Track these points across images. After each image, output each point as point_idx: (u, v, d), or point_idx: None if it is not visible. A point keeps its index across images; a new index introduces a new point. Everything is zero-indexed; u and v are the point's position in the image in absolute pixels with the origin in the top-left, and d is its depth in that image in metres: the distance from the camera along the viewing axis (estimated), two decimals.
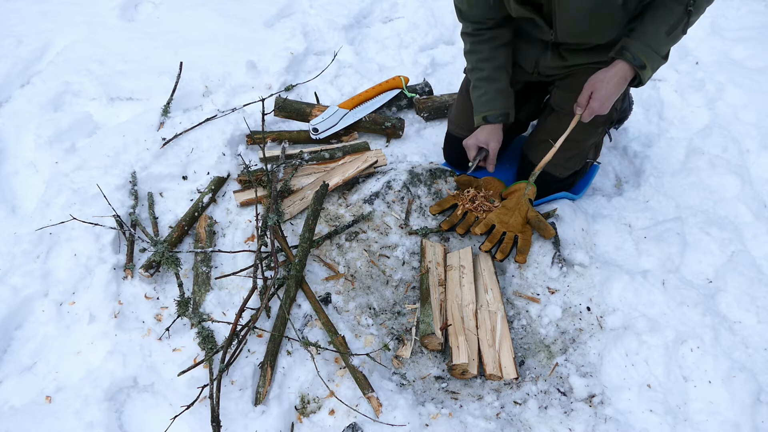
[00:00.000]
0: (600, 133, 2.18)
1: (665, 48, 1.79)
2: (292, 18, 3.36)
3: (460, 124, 2.33)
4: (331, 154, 2.38)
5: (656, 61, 1.79)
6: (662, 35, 1.75)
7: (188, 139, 2.40)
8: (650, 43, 1.75)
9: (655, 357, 1.81)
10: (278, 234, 2.00)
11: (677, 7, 1.72)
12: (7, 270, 1.91)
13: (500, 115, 2.10)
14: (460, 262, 2.05)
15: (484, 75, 2.08)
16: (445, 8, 3.54)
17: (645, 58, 1.76)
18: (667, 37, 1.75)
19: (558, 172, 2.19)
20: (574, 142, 2.09)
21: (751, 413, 1.70)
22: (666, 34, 1.75)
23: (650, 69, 1.79)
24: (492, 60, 2.06)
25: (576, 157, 2.18)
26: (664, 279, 2.03)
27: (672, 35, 1.75)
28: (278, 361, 1.73)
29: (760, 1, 3.60)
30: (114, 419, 1.62)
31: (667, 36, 1.75)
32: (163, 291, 1.95)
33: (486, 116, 2.11)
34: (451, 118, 2.40)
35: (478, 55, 2.08)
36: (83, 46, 2.98)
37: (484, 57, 2.06)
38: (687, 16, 1.72)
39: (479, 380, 1.81)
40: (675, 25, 1.73)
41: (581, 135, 2.09)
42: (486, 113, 2.11)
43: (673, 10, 1.73)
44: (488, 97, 2.09)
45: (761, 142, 2.59)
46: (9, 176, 2.34)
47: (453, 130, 2.37)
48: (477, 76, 2.11)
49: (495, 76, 2.07)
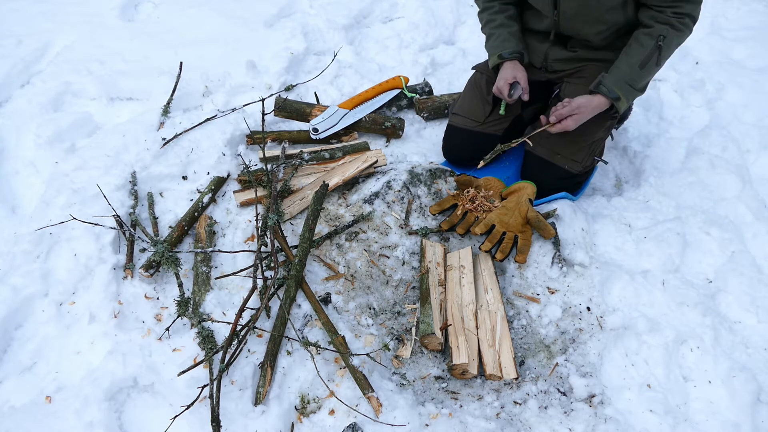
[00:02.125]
0: (607, 128, 2.20)
1: (640, 81, 1.98)
2: (292, 18, 3.36)
3: (462, 113, 2.35)
4: (331, 154, 2.38)
5: (631, 93, 1.99)
6: (635, 69, 1.95)
7: (188, 139, 2.40)
8: (624, 77, 1.96)
9: (655, 357, 1.81)
10: (278, 234, 2.00)
11: (649, 42, 1.92)
12: (7, 270, 1.90)
13: (514, 52, 2.17)
14: (460, 262, 2.05)
15: (497, 23, 2.22)
16: (445, 8, 3.54)
17: (619, 91, 1.96)
18: (641, 71, 1.95)
19: (567, 165, 2.20)
20: (582, 135, 2.12)
21: (751, 413, 1.70)
22: (639, 67, 1.94)
23: (625, 100, 1.98)
24: (504, 11, 2.22)
25: (584, 150, 2.19)
26: (664, 279, 2.03)
27: (645, 68, 1.94)
28: (278, 361, 1.73)
29: (760, 1, 3.60)
30: (114, 419, 1.62)
31: (641, 69, 1.94)
32: (163, 291, 1.95)
33: (501, 53, 2.18)
34: (455, 110, 2.41)
35: (491, 9, 2.25)
36: (83, 46, 2.98)
37: (496, 10, 2.23)
38: (658, 51, 1.92)
39: (479, 380, 1.81)
40: (647, 59, 1.93)
41: (588, 128, 2.12)
42: (501, 51, 2.18)
43: (644, 44, 1.93)
44: (502, 39, 2.19)
45: (761, 142, 2.59)
46: (9, 176, 2.34)
47: (455, 121, 2.37)
48: (491, 26, 2.24)
49: (507, 23, 2.21)
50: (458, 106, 2.40)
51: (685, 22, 1.90)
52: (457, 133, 2.36)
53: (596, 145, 2.21)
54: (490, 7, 2.25)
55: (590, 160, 2.23)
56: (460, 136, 2.35)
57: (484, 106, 2.30)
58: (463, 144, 2.35)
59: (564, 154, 2.17)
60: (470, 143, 2.34)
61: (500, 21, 2.21)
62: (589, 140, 2.17)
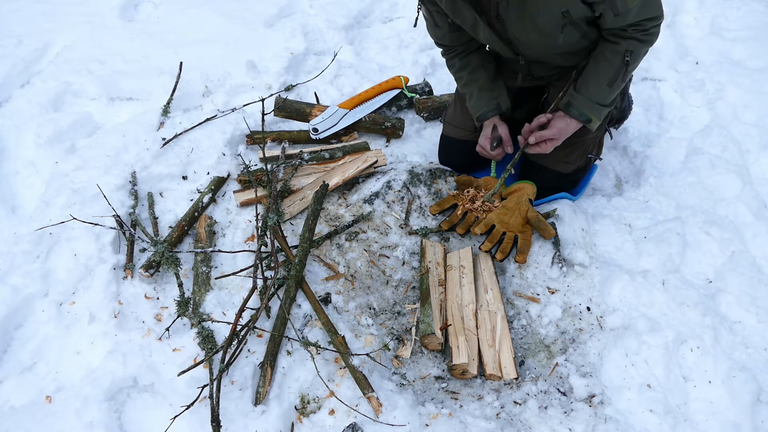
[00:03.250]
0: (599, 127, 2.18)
1: (609, 98, 1.93)
2: (292, 18, 3.36)
3: (454, 123, 2.36)
4: (331, 154, 2.38)
5: (601, 112, 1.95)
6: (604, 88, 1.89)
7: (188, 139, 2.40)
8: (592, 97, 1.91)
9: (655, 357, 1.81)
10: (278, 234, 2.00)
11: (615, 59, 1.84)
12: (7, 270, 1.90)
13: (490, 111, 2.16)
14: (460, 262, 2.05)
15: (465, 81, 2.19)
16: None
17: (590, 113, 1.94)
18: (609, 89, 1.90)
19: (560, 168, 2.20)
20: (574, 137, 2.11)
21: (751, 413, 1.70)
22: (608, 86, 1.89)
23: (596, 120, 1.95)
24: (465, 66, 2.18)
25: (576, 151, 2.18)
26: (664, 279, 2.03)
27: (613, 86, 1.89)
28: (278, 361, 1.73)
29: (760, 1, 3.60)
30: (114, 419, 1.62)
31: (609, 87, 1.89)
32: (163, 291, 1.95)
33: (478, 116, 2.18)
34: (447, 119, 2.42)
35: (453, 68, 2.22)
36: (83, 46, 2.98)
37: (459, 67, 2.19)
38: (625, 66, 1.85)
39: (479, 380, 1.81)
40: (614, 76, 1.87)
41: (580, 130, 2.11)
42: (477, 114, 2.18)
43: (611, 61, 1.85)
44: (474, 99, 2.18)
45: (761, 142, 2.59)
46: (9, 176, 2.34)
47: (448, 131, 2.39)
48: (460, 84, 2.23)
49: (473, 78, 2.17)
50: (450, 116, 2.41)
51: (650, 32, 1.82)
52: (450, 143, 2.38)
53: (589, 143, 2.21)
54: (452, 65, 2.22)
55: (584, 159, 2.22)
56: (453, 145, 2.37)
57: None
58: (458, 152, 2.37)
59: (556, 157, 2.15)
60: (464, 151, 2.35)
61: (466, 79, 2.19)
62: (579, 142, 2.16)
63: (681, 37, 3.31)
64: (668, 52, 3.20)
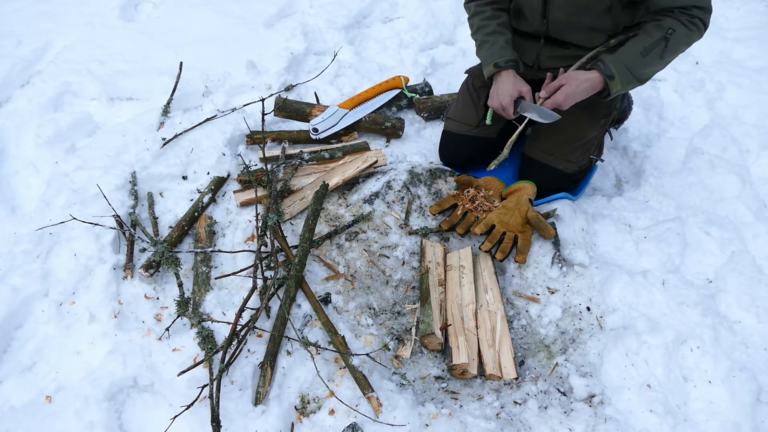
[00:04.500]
0: (601, 126, 2.20)
1: (639, 68, 1.89)
2: (292, 18, 3.36)
3: (456, 118, 2.35)
4: (331, 154, 2.38)
5: (626, 77, 1.89)
6: (637, 54, 1.88)
7: (188, 139, 2.40)
8: (624, 59, 1.89)
9: (655, 357, 1.81)
10: (278, 234, 2.00)
11: (656, 32, 1.86)
12: (7, 270, 1.90)
13: (510, 61, 2.07)
14: (460, 262, 2.05)
15: (489, 30, 2.12)
16: (445, 8, 3.54)
17: (615, 70, 1.88)
18: (642, 58, 1.87)
19: (562, 166, 2.19)
20: (575, 134, 2.11)
21: (751, 413, 1.70)
22: (641, 54, 1.87)
23: (619, 82, 1.89)
24: (495, 18, 2.13)
25: (578, 150, 2.18)
26: (664, 279, 2.03)
27: (648, 57, 1.87)
28: (278, 361, 1.73)
29: (760, 1, 3.60)
30: (114, 419, 1.62)
31: (642, 57, 1.87)
32: (163, 291, 1.95)
33: (497, 62, 2.07)
34: (449, 115, 2.41)
35: (482, 15, 2.15)
36: (83, 46, 2.98)
37: (487, 16, 2.14)
38: (665, 42, 1.85)
39: (479, 380, 1.81)
40: (650, 48, 1.86)
41: (582, 127, 2.13)
42: (498, 59, 2.07)
43: (651, 34, 1.87)
44: (498, 47, 2.09)
45: (761, 142, 2.59)
46: (9, 176, 2.34)
47: (450, 126, 2.38)
48: (484, 32, 2.13)
49: (501, 30, 2.12)
50: (452, 111, 2.41)
51: (696, 23, 1.87)
52: (452, 138, 2.37)
53: (591, 143, 2.20)
54: (481, 12, 2.16)
55: (586, 159, 2.22)
56: (455, 140, 2.36)
57: (477, 111, 2.30)
58: (459, 148, 2.36)
59: (557, 155, 2.17)
60: (465, 147, 2.35)
61: (493, 28, 2.12)
62: (582, 139, 2.17)
63: None
64: None
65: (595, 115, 2.15)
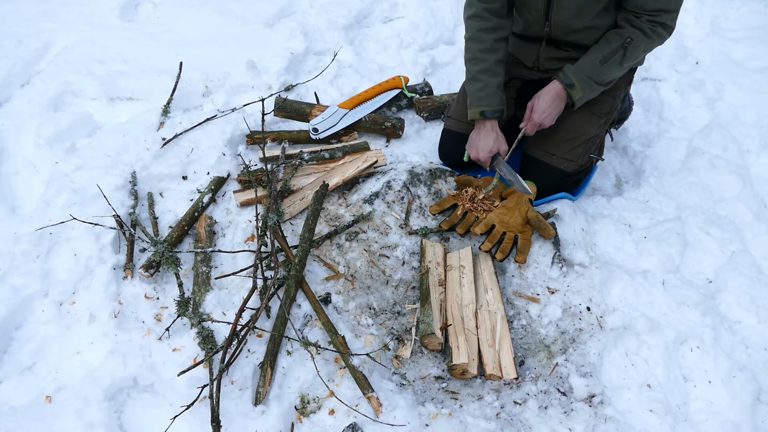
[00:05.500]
0: (602, 125, 2.21)
1: (599, 75, 1.98)
2: (292, 18, 3.36)
3: (457, 117, 2.36)
4: (331, 154, 2.38)
5: (587, 84, 1.98)
6: (596, 63, 1.96)
7: (188, 139, 2.40)
8: (583, 69, 1.98)
9: (655, 357, 1.81)
10: (278, 234, 2.00)
11: (616, 41, 1.94)
12: (7, 270, 1.90)
13: (497, 111, 2.10)
14: (460, 262, 2.05)
15: (485, 67, 2.09)
16: (445, 8, 3.54)
17: (575, 79, 1.98)
18: (601, 66, 1.96)
19: (563, 165, 2.20)
20: (576, 132, 2.13)
21: (751, 413, 1.70)
22: (600, 62, 1.96)
23: (580, 89, 1.99)
24: (494, 52, 2.09)
25: (579, 148, 2.19)
26: (664, 279, 2.03)
27: (606, 65, 1.96)
28: (278, 361, 1.73)
29: (760, 1, 3.60)
30: (114, 419, 1.62)
31: (601, 64, 1.96)
32: (163, 291, 1.95)
33: (484, 111, 2.10)
34: (450, 114, 2.42)
35: (481, 44, 2.09)
36: (83, 46, 2.98)
37: (487, 47, 2.08)
38: (623, 51, 1.94)
39: (479, 380, 1.81)
40: (609, 55, 1.95)
41: (582, 125, 2.14)
42: (484, 108, 2.10)
43: (611, 42, 1.95)
44: (488, 92, 2.09)
45: (761, 142, 2.59)
46: (9, 176, 2.34)
47: (450, 125, 2.39)
48: (478, 67, 2.10)
49: (496, 69, 2.10)
50: (452, 110, 2.42)
51: (657, 31, 1.91)
52: (451, 137, 2.38)
53: (591, 142, 2.21)
54: (481, 40, 2.08)
55: (586, 158, 2.23)
56: (454, 139, 2.36)
57: None
58: (458, 146, 2.36)
59: (559, 154, 2.18)
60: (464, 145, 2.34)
61: (488, 65, 2.08)
62: (582, 138, 2.18)
63: (681, 37, 3.31)
64: (668, 52, 3.21)
65: (595, 112, 2.16)
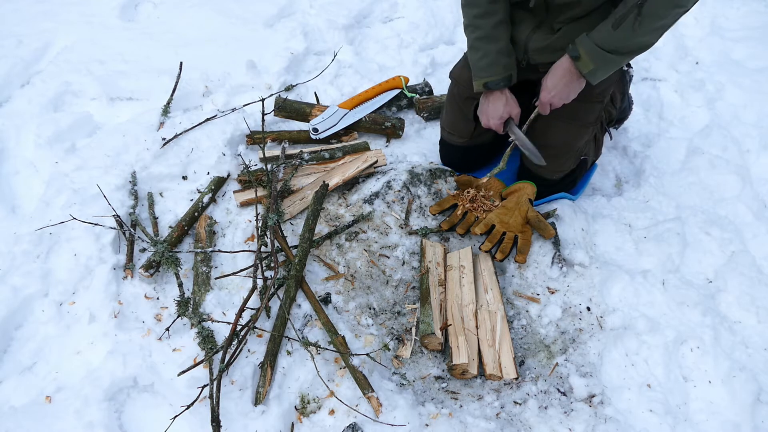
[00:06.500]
0: (591, 132, 2.16)
1: (613, 43, 1.72)
2: (292, 18, 3.35)
3: (449, 129, 2.32)
4: (331, 154, 2.38)
5: (598, 55, 1.73)
6: (608, 29, 1.71)
7: (188, 139, 2.40)
8: (594, 37, 1.73)
9: (655, 357, 1.82)
10: (278, 234, 2.00)
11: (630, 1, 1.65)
12: (7, 270, 1.90)
13: (503, 80, 1.94)
14: (460, 262, 2.05)
15: (482, 34, 1.92)
16: (445, 8, 3.53)
17: (581, 49, 1.75)
18: (614, 31, 1.69)
19: (549, 175, 2.20)
20: (565, 147, 2.11)
21: (751, 413, 1.70)
22: (612, 27, 1.70)
23: (589, 62, 1.75)
24: (489, 15, 1.90)
25: (570, 161, 2.18)
26: (664, 279, 2.03)
27: (620, 29, 1.68)
28: (278, 361, 1.73)
29: (760, 1, 3.60)
30: (114, 419, 1.62)
31: (614, 29, 1.69)
32: (163, 291, 1.95)
33: (487, 83, 1.94)
34: (443, 125, 2.38)
35: (475, 9, 1.92)
36: (83, 46, 2.97)
37: (481, 12, 1.91)
38: (637, 9, 1.63)
39: (479, 380, 1.81)
40: (621, 19, 1.67)
41: (571, 137, 2.10)
42: (487, 79, 1.94)
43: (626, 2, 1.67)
44: (488, 60, 1.92)
45: (761, 142, 2.59)
46: (9, 176, 2.34)
47: (446, 137, 2.37)
48: (475, 34, 1.94)
49: (494, 34, 1.91)
50: (445, 121, 2.35)
51: None
52: (449, 148, 2.37)
53: (582, 148, 2.18)
54: (475, 4, 1.91)
55: (575, 164, 2.22)
56: (453, 151, 2.36)
57: (467, 124, 2.25)
58: (458, 157, 2.38)
59: (551, 168, 2.13)
60: (462, 155, 2.36)
61: (485, 32, 1.91)
62: (570, 153, 2.15)
63: (681, 37, 3.31)
64: (668, 52, 3.20)
65: (583, 123, 2.08)
